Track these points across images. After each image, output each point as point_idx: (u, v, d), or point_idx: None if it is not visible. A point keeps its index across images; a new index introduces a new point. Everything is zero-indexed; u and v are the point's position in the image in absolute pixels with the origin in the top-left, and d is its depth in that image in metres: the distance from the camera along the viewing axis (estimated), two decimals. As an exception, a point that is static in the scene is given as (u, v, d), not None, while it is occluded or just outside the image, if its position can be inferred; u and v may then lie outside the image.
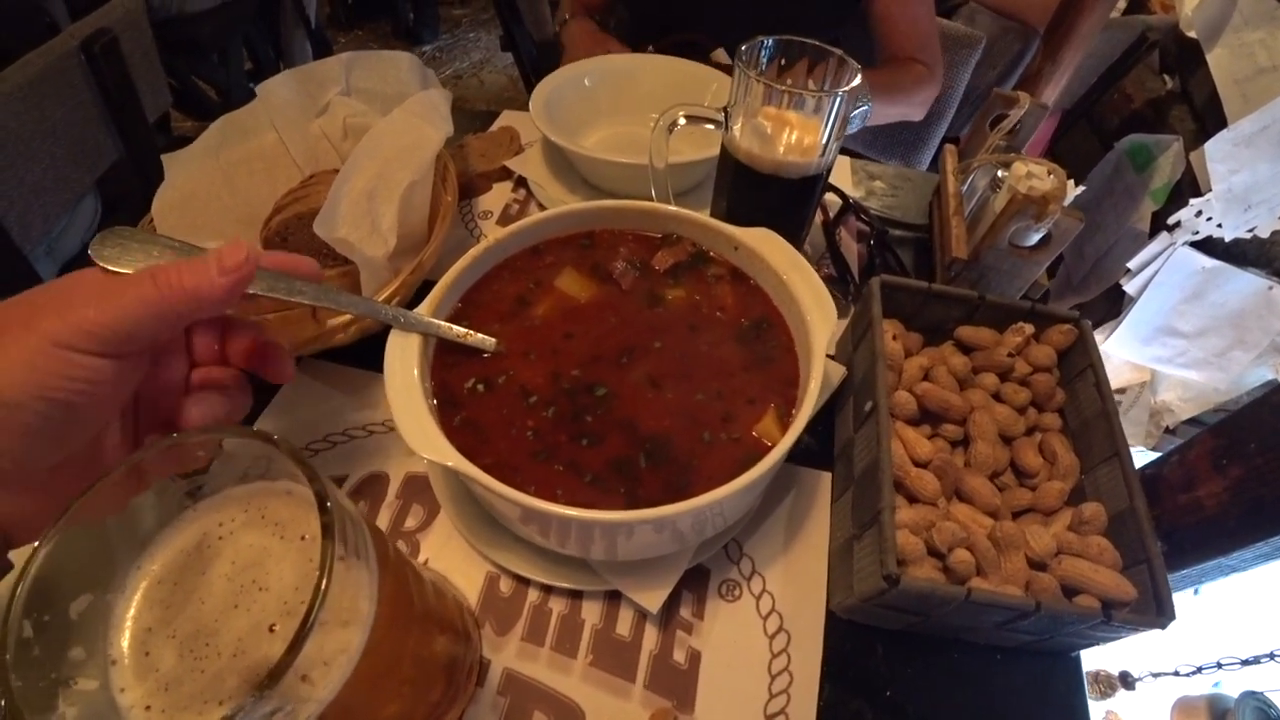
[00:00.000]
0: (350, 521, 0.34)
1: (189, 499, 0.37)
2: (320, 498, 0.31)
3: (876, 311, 0.58)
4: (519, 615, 0.54)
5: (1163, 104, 1.79)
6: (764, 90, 0.55)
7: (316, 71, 0.86)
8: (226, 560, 0.36)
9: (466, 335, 0.52)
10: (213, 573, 0.35)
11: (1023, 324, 0.63)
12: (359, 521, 0.35)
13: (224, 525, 0.37)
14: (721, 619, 0.54)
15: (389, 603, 0.36)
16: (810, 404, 0.45)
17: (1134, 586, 0.50)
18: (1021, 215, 0.64)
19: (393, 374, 0.47)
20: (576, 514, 0.40)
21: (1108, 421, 0.58)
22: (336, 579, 0.32)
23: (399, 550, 0.43)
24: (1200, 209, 1.52)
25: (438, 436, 0.43)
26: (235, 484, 0.38)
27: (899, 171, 0.96)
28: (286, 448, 0.33)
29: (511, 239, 0.58)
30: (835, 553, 0.57)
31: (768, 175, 0.59)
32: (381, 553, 0.36)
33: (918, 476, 0.55)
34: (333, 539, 0.30)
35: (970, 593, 0.46)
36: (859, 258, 0.78)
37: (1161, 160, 1.69)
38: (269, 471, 0.37)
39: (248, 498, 0.37)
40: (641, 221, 0.59)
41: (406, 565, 0.41)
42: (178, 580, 0.36)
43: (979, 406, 0.60)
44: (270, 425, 0.67)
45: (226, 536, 0.37)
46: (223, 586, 0.35)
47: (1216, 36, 1.62)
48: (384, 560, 0.36)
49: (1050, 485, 0.58)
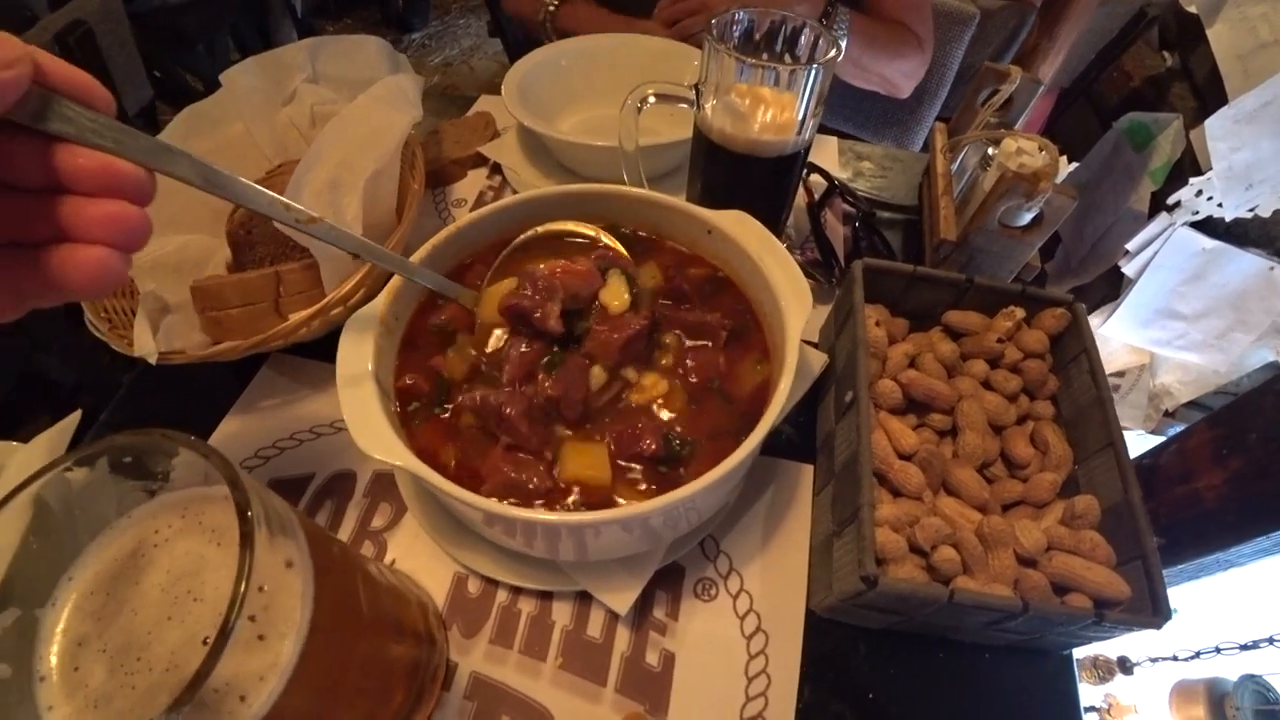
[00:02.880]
0: (282, 529, 0.32)
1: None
2: (240, 507, 0.29)
3: (858, 297, 0.56)
4: (487, 617, 0.52)
5: (1162, 81, 1.75)
6: (735, 65, 0.52)
7: (282, 58, 0.83)
8: (161, 569, 0.34)
9: (380, 255, 0.47)
10: (146, 582, 0.33)
11: (1014, 308, 0.61)
12: (293, 528, 0.33)
13: (160, 532, 0.35)
14: (697, 619, 0.52)
15: (330, 612, 0.34)
16: (782, 396, 0.42)
17: (1128, 584, 0.47)
18: (1011, 194, 0.62)
19: (345, 367, 0.45)
20: (541, 517, 0.38)
21: (1102, 410, 0.55)
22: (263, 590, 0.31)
23: (349, 554, 0.41)
24: (1200, 188, 1.49)
25: (388, 435, 0.41)
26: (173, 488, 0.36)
27: (888, 152, 0.93)
28: (213, 455, 0.30)
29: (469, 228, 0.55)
30: (816, 549, 0.55)
31: (742, 155, 0.56)
32: (322, 560, 0.34)
33: (901, 470, 0.52)
34: (250, 549, 0.28)
35: (954, 594, 0.43)
36: (845, 241, 0.75)
37: (1161, 139, 1.66)
38: (207, 476, 0.35)
39: (185, 504, 0.35)
40: (609, 206, 0.56)
41: (355, 570, 0.39)
42: (110, 590, 0.33)
43: (968, 395, 0.58)
44: (236, 423, 0.65)
45: (162, 544, 0.35)
46: (156, 597, 0.33)
47: (1217, 11, 1.58)
48: (324, 568, 0.34)
49: (1042, 477, 0.56)
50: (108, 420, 0.68)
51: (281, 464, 0.62)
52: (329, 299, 0.60)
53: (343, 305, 0.61)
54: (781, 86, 0.53)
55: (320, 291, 0.63)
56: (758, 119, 0.55)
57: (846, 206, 0.77)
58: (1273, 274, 1.58)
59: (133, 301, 0.70)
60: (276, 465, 0.62)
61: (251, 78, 0.81)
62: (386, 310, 0.50)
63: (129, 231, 0.32)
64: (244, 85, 0.81)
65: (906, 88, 1.13)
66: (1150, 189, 1.61)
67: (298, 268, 0.64)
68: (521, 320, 0.48)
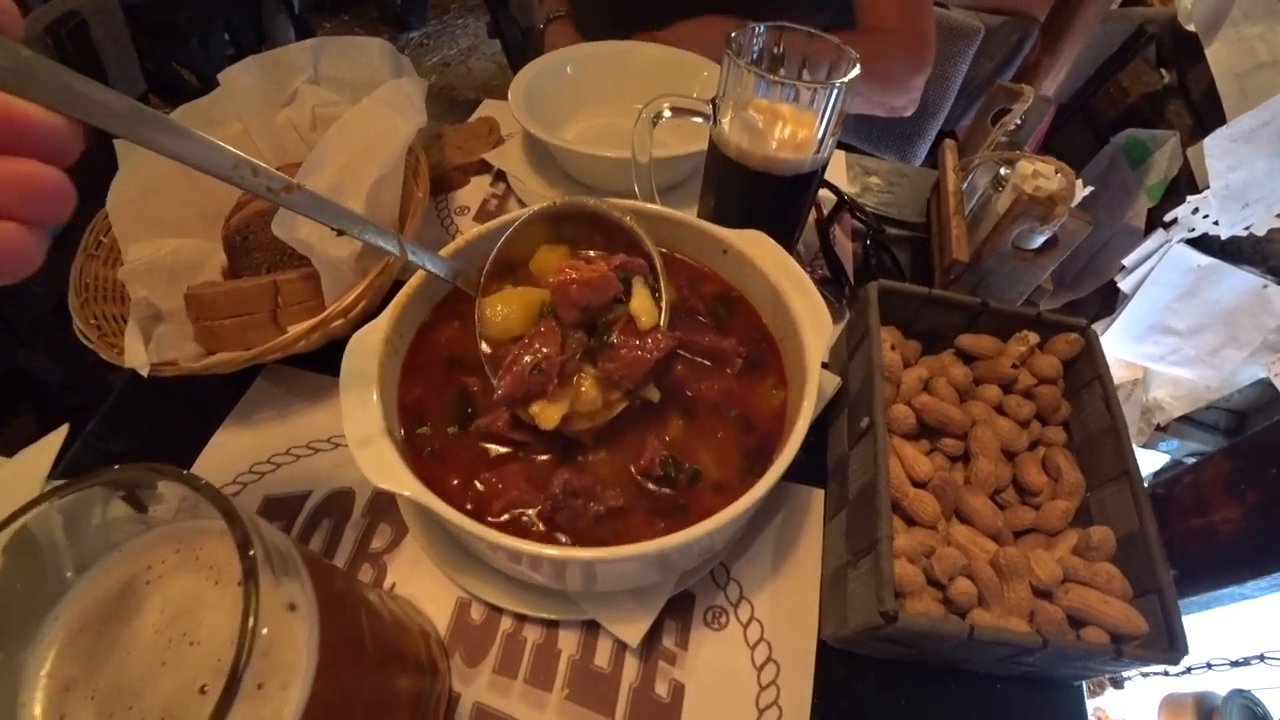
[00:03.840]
0: (284, 568, 0.31)
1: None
2: (241, 544, 0.27)
3: (874, 320, 0.55)
4: (491, 645, 0.50)
5: (1159, 98, 1.76)
6: (755, 80, 0.51)
7: (282, 58, 0.81)
8: (154, 608, 0.32)
9: (365, 228, 0.41)
10: (139, 623, 0.32)
11: (1027, 332, 0.60)
12: (295, 565, 0.31)
13: (153, 568, 0.33)
14: (707, 649, 0.51)
15: (334, 657, 0.32)
16: (802, 432, 0.41)
17: (1144, 619, 0.47)
18: (1027, 216, 0.61)
19: (350, 393, 0.43)
20: (549, 552, 0.37)
21: (1116, 438, 0.55)
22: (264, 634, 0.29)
23: (353, 590, 0.39)
24: (1197, 206, 1.50)
25: (394, 462, 0.40)
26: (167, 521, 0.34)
27: (895, 167, 0.92)
28: (205, 488, 0.29)
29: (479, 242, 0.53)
30: (828, 578, 0.54)
31: (758, 172, 0.55)
32: (326, 601, 0.32)
33: (916, 498, 0.52)
34: (255, 588, 0.26)
35: (974, 630, 0.42)
36: (854, 258, 0.74)
37: (1158, 156, 1.67)
38: (198, 509, 0.34)
39: (180, 537, 0.33)
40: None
41: (360, 605, 0.38)
42: (99, 631, 0.32)
43: (981, 420, 0.57)
44: (229, 436, 0.63)
45: (155, 581, 0.33)
46: (149, 639, 0.31)
47: (1215, 30, 1.59)
48: (329, 610, 0.32)
49: (1054, 505, 0.55)
50: (96, 430, 0.66)
51: (277, 480, 0.60)
52: (329, 311, 0.58)
53: (344, 318, 0.59)
54: (802, 104, 0.52)
55: (320, 302, 0.61)
56: (775, 136, 0.54)
57: (855, 223, 0.77)
58: (1265, 292, 1.59)
59: (123, 308, 0.68)
60: (271, 481, 0.60)
61: (251, 77, 0.79)
62: (391, 328, 0.48)
63: (40, 200, 0.25)
64: (243, 85, 0.79)
65: (908, 105, 1.13)
66: (1147, 205, 1.62)
67: (296, 277, 0.62)
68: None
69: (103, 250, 0.71)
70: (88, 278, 0.68)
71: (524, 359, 0.43)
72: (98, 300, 0.67)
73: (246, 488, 0.60)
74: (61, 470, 0.63)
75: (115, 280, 0.69)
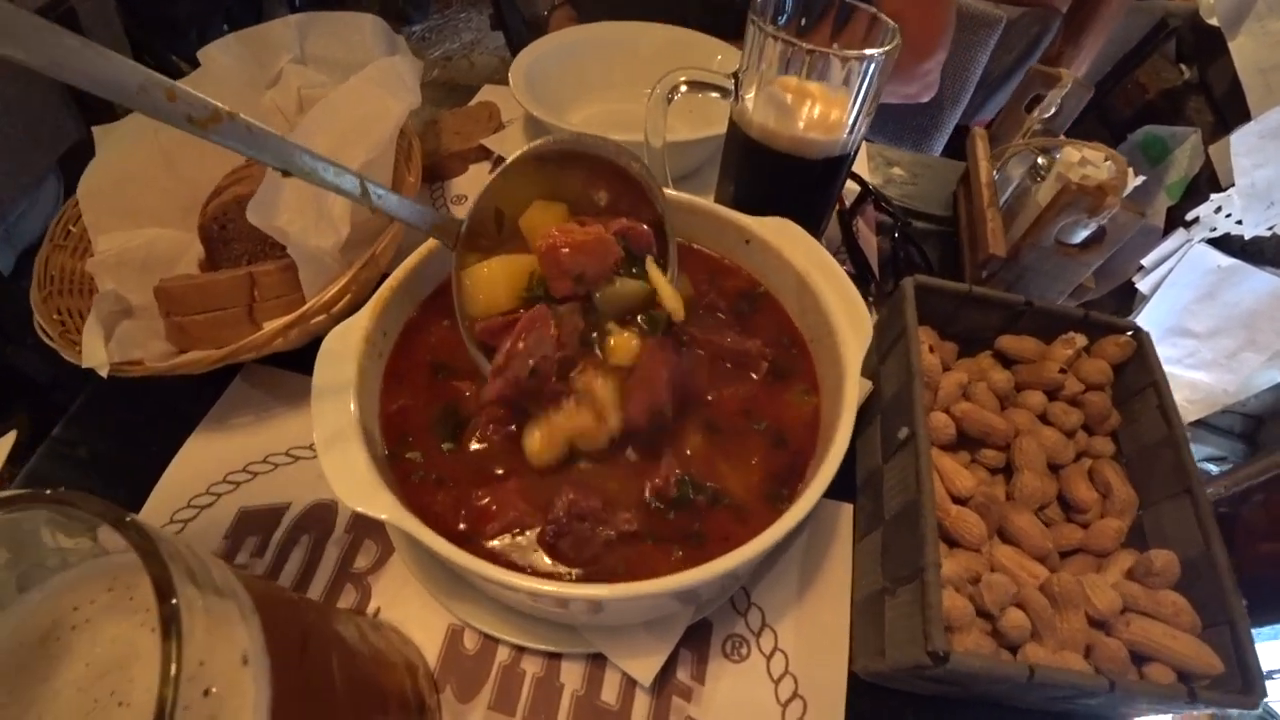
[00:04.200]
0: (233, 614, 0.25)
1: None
2: (162, 586, 0.22)
3: (911, 319, 0.50)
4: (486, 678, 0.45)
5: (1178, 95, 1.72)
6: (782, 52, 0.45)
7: (266, 35, 0.75)
8: (80, 660, 0.27)
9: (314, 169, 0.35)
10: (60, 678, 0.26)
11: (1074, 334, 0.55)
12: (248, 612, 0.26)
13: (80, 610, 0.28)
14: (726, 683, 0.46)
15: (296, 708, 0.27)
16: (841, 449, 0.36)
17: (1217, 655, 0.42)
18: (1073, 208, 0.56)
19: (322, 399, 0.38)
20: (551, 589, 0.31)
21: (1175, 451, 0.50)
22: (210, 695, 0.24)
23: (322, 630, 0.33)
24: (1220, 205, 1.46)
25: (370, 480, 0.34)
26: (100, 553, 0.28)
27: (918, 157, 0.87)
28: (111, 516, 0.23)
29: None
30: (860, 604, 0.49)
31: (785, 155, 0.50)
32: (284, 650, 0.27)
33: (959, 517, 0.46)
34: (177, 643, 0.21)
35: (1034, 672, 0.37)
36: (879, 252, 0.69)
37: (1178, 153, 1.63)
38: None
39: (114, 573, 0.28)
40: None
41: (331, 647, 0.32)
42: (11, 688, 0.26)
43: (1024, 430, 0.52)
44: (203, 442, 0.58)
45: (82, 626, 0.27)
46: (71, 699, 0.26)
47: (1239, 24, 1.55)
48: (288, 658, 0.27)
49: (1105, 524, 0.50)
50: (61, 435, 0.61)
51: (253, 490, 0.55)
52: (309, 306, 0.53)
53: (325, 313, 0.54)
54: (834, 80, 0.46)
55: (300, 296, 0.56)
56: (803, 114, 0.48)
57: (879, 215, 0.71)
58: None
59: (90, 303, 0.62)
60: (247, 492, 0.55)
61: (232, 57, 0.74)
62: (373, 325, 0.43)
63: None
64: (224, 65, 0.74)
65: (924, 95, 1.07)
66: (1166, 204, 1.58)
67: (274, 269, 0.57)
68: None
69: (71, 240, 0.66)
70: (53, 270, 0.63)
71: (515, 363, 0.38)
72: (63, 294, 0.62)
73: (221, 499, 0.55)
74: (20, 481, 0.58)
75: (83, 273, 0.64)
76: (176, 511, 0.54)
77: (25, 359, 1.56)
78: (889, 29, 0.46)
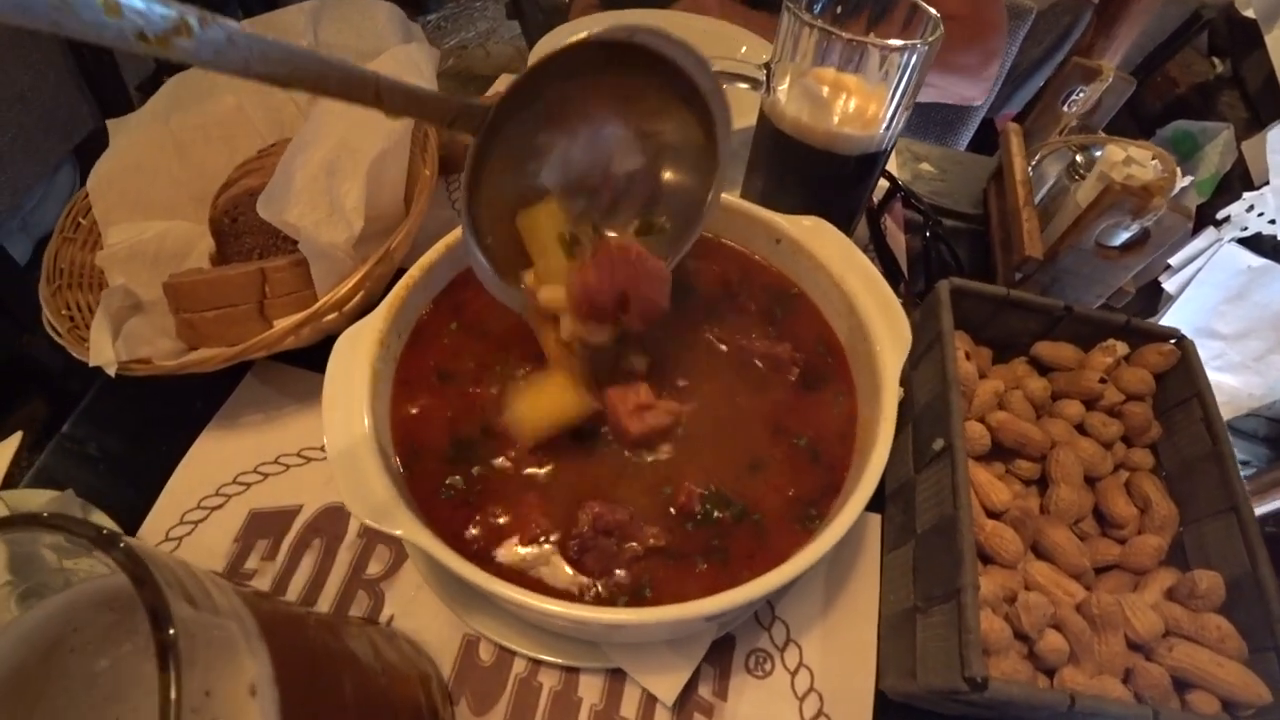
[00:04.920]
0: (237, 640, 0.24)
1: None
2: (157, 615, 0.20)
3: (947, 324, 0.48)
4: (502, 690, 0.44)
5: (1210, 89, 1.67)
6: (819, 42, 0.43)
7: (278, 22, 0.73)
8: (81, 684, 0.25)
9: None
10: (62, 701, 0.25)
11: (1114, 342, 0.52)
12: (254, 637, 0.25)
13: (80, 632, 0.26)
14: (749, 699, 0.44)
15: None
16: (881, 463, 0.34)
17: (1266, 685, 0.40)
18: (1117, 209, 0.53)
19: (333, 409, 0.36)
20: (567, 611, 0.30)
21: (1220, 466, 0.47)
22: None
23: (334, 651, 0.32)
24: (1253, 203, 1.41)
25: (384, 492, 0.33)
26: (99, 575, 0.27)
27: (946, 153, 0.84)
28: (102, 539, 0.21)
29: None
30: (888, 619, 0.47)
31: (819, 150, 0.48)
32: (296, 674, 0.26)
33: (994, 532, 0.45)
34: (176, 676, 0.20)
35: (1074, 700, 0.36)
36: (908, 252, 0.67)
37: (1209, 149, 1.58)
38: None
39: (116, 593, 0.27)
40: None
41: (342, 668, 0.31)
42: (13, 710, 0.25)
43: (1061, 441, 0.50)
44: (214, 441, 0.57)
45: (82, 650, 0.26)
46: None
47: (1277, 16, 1.50)
48: (300, 684, 0.26)
49: (1144, 540, 0.48)
50: (70, 433, 0.60)
51: (263, 492, 0.54)
52: (321, 303, 0.51)
53: (337, 311, 0.52)
54: (871, 72, 0.44)
55: (312, 293, 0.55)
56: (839, 108, 0.46)
57: (909, 213, 0.69)
58: (1318, 296, 1.51)
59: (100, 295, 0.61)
60: (258, 493, 0.54)
61: (243, 44, 0.72)
62: (387, 327, 0.41)
63: None
64: (235, 52, 0.72)
65: (981, 98, 1.04)
66: (1196, 202, 1.53)
67: (286, 264, 0.55)
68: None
69: (80, 233, 0.64)
70: (62, 263, 0.62)
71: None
72: (72, 288, 0.61)
73: (231, 500, 0.54)
74: (30, 478, 0.57)
75: (93, 266, 0.63)
76: (186, 513, 0.53)
77: (40, 347, 1.57)
78: (930, 19, 0.44)
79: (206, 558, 0.50)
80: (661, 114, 0.37)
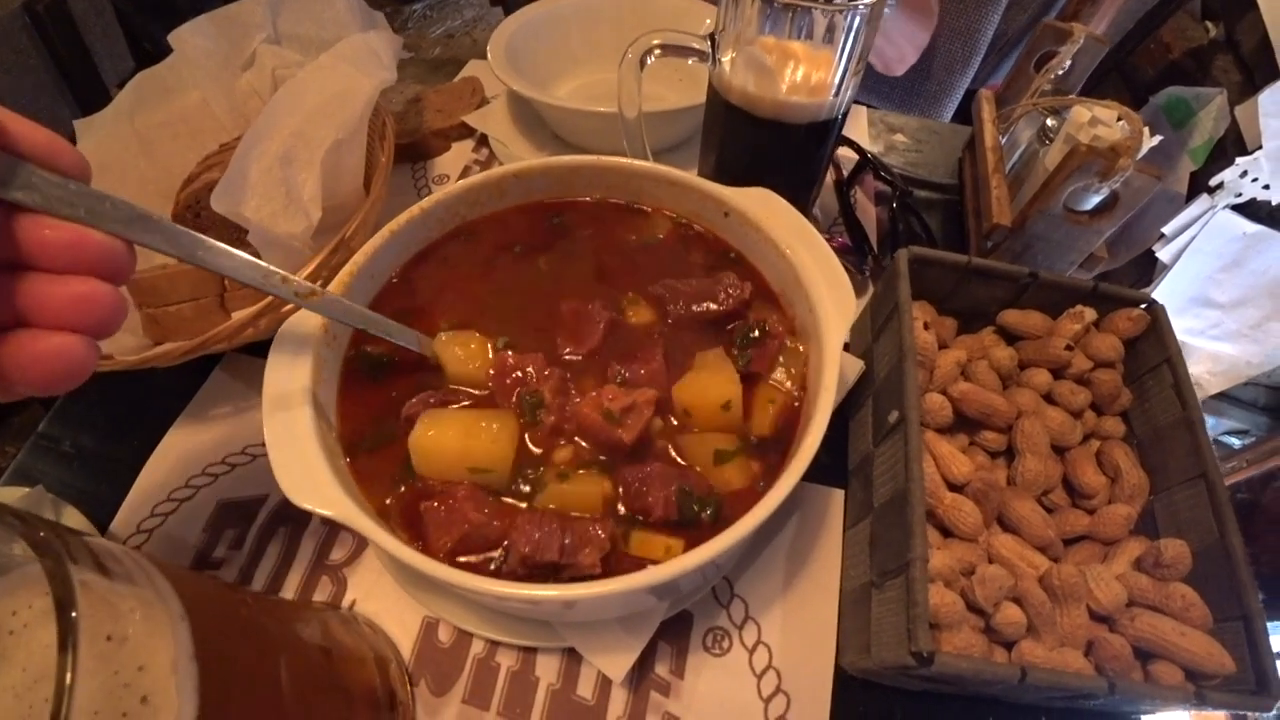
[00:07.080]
0: (157, 614, 0.24)
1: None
2: (62, 599, 0.20)
3: (905, 294, 0.47)
4: (460, 671, 0.44)
5: (1205, 54, 1.63)
6: (760, 10, 0.42)
7: (237, 15, 0.73)
8: (16, 666, 0.26)
9: (387, 329, 0.40)
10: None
11: (1082, 308, 0.52)
12: (175, 613, 0.25)
13: (18, 614, 0.27)
14: (706, 677, 0.44)
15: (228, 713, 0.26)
16: (820, 429, 0.34)
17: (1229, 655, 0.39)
18: (1083, 172, 0.52)
19: (273, 386, 0.36)
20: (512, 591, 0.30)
21: (1190, 433, 0.47)
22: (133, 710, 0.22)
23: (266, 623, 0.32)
24: (1246, 169, 1.39)
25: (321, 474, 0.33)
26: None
27: (923, 123, 0.83)
28: (14, 520, 0.22)
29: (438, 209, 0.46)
30: (849, 595, 0.47)
31: (767, 120, 0.47)
32: (216, 654, 0.26)
33: (954, 504, 0.44)
34: (73, 659, 0.20)
35: (1026, 673, 0.35)
36: (878, 224, 0.66)
37: (1202, 115, 1.55)
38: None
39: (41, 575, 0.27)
40: (606, 180, 0.47)
41: (277, 648, 0.31)
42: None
43: (1028, 411, 0.49)
44: (184, 434, 0.57)
45: (20, 631, 0.26)
46: (9, 705, 0.25)
47: (1272, -26, 1.46)
48: (219, 663, 0.26)
49: (1113, 510, 0.47)
50: (45, 431, 0.60)
51: (232, 482, 0.54)
52: (278, 294, 0.51)
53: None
54: (817, 38, 0.43)
55: (271, 284, 0.54)
56: (786, 76, 0.45)
57: (879, 184, 0.68)
58: (1316, 262, 1.48)
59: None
60: (226, 484, 0.54)
61: (205, 38, 0.72)
62: (333, 313, 0.41)
63: (100, 314, 0.27)
64: (197, 47, 0.72)
65: (900, 69, 1.02)
66: (1189, 169, 1.51)
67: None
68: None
69: (46, 229, 0.64)
70: (28, 260, 0.62)
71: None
72: (38, 285, 0.61)
73: (200, 491, 0.54)
74: (7, 476, 0.57)
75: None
76: (157, 505, 0.53)
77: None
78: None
79: (176, 548, 0.51)
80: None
